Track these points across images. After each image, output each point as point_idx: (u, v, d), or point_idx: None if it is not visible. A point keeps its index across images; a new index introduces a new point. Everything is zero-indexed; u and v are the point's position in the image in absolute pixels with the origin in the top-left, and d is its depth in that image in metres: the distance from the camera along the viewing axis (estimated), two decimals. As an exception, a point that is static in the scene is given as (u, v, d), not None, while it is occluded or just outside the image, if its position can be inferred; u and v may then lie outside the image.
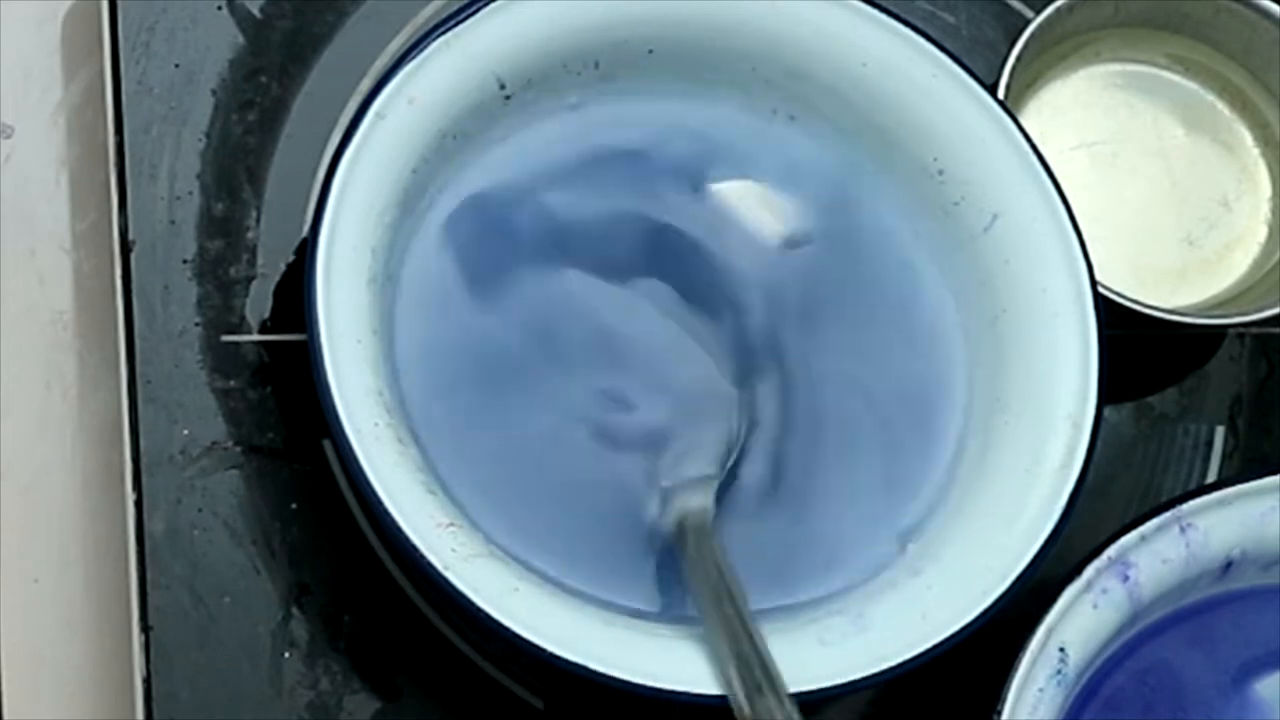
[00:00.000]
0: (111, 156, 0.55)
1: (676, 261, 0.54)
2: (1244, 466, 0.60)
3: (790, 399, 0.53)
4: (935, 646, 0.49)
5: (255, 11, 0.57)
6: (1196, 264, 0.60)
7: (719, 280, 0.54)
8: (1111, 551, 0.51)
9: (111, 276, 0.54)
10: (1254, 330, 0.61)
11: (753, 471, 0.52)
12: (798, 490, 0.53)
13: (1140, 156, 0.61)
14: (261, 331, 0.55)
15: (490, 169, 0.54)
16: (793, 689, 0.47)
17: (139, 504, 0.52)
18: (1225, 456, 0.60)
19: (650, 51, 0.55)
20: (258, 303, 0.55)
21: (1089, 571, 0.51)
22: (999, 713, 0.49)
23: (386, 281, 0.51)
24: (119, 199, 0.54)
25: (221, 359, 0.54)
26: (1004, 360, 0.53)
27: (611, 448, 0.52)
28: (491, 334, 0.52)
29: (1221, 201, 0.61)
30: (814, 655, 0.49)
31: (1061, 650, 0.50)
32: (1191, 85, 0.62)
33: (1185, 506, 0.53)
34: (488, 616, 0.47)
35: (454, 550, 0.48)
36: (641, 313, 0.53)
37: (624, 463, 0.52)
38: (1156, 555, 0.52)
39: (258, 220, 0.55)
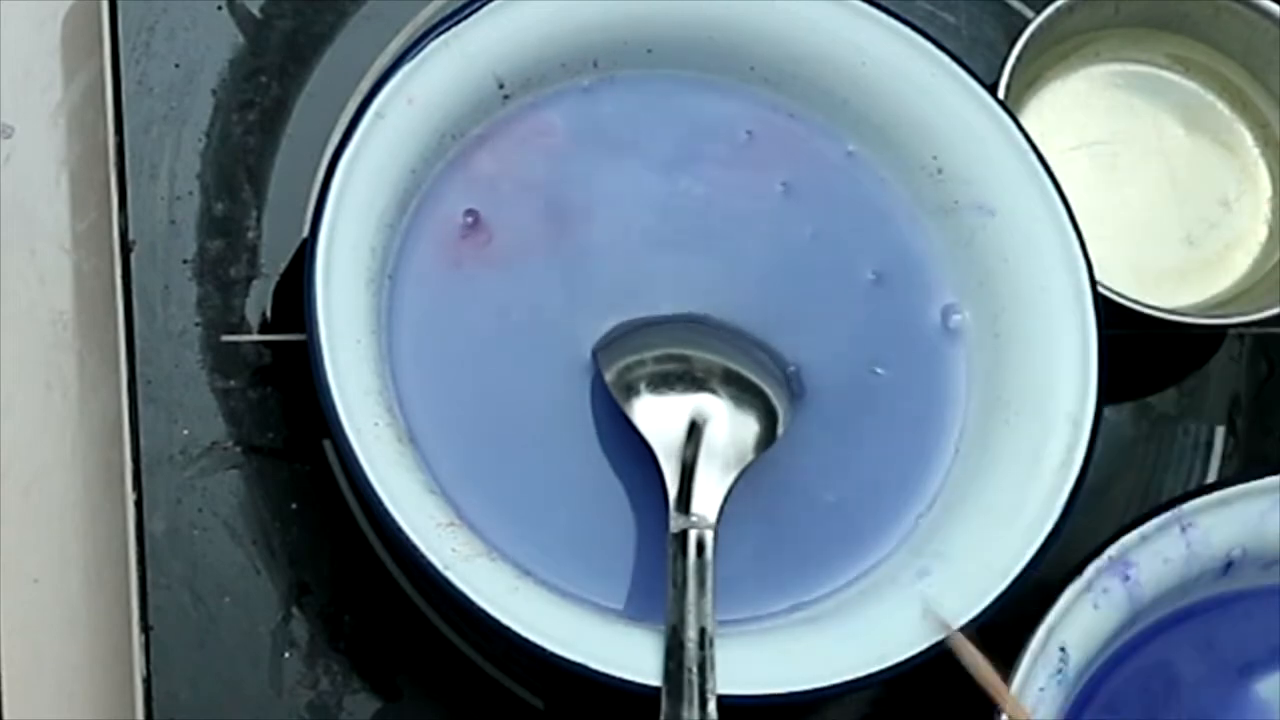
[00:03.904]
0: (111, 156, 0.55)
1: (677, 260, 0.54)
2: (1244, 466, 0.60)
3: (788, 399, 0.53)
4: (935, 646, 0.49)
5: (255, 11, 0.57)
6: (1197, 264, 0.60)
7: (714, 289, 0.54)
8: (1112, 551, 0.51)
9: (111, 276, 0.54)
10: (1254, 330, 0.61)
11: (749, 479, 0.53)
12: (794, 495, 0.53)
13: (1140, 156, 0.61)
14: (261, 331, 0.55)
15: (489, 167, 0.54)
16: (792, 688, 0.47)
17: (139, 504, 0.52)
18: (1225, 456, 0.60)
19: (649, 51, 0.55)
20: (258, 303, 0.55)
21: (1089, 571, 0.51)
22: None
23: (386, 281, 0.51)
24: (119, 199, 0.55)
25: (221, 359, 0.54)
26: (1004, 359, 0.53)
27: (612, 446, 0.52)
28: (491, 333, 0.52)
29: (1221, 201, 0.61)
30: (814, 655, 0.49)
31: (1062, 650, 0.50)
32: (1191, 85, 0.62)
33: (1186, 506, 0.53)
34: (488, 616, 0.47)
35: (454, 550, 0.48)
36: (639, 306, 0.53)
37: (625, 464, 0.52)
38: (1157, 555, 0.52)
39: (258, 220, 0.55)
